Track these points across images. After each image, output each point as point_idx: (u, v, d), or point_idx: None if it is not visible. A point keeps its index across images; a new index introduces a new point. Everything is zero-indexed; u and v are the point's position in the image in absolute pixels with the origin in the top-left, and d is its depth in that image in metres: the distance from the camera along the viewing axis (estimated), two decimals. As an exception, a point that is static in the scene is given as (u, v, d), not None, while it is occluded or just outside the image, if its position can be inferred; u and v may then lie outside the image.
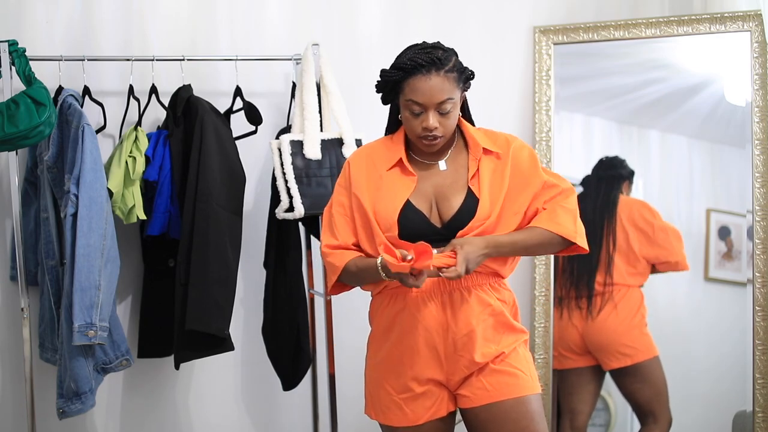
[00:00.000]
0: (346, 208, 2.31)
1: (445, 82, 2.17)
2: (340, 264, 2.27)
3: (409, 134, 2.26)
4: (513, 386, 2.22)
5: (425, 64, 2.16)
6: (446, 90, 2.17)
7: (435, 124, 2.18)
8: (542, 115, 3.48)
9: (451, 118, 2.21)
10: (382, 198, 2.25)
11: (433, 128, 2.19)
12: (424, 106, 2.18)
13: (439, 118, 2.19)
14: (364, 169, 2.30)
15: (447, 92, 2.17)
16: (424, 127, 2.19)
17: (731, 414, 3.30)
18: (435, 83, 2.16)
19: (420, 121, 2.19)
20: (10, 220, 2.85)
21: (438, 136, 2.21)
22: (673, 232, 3.44)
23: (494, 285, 2.27)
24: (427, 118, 2.18)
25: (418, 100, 2.17)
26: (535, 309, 3.46)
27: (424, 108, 2.18)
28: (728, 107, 3.39)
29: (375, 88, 2.28)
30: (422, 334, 2.22)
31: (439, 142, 2.23)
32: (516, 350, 2.27)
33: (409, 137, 2.30)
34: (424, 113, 2.19)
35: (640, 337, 3.42)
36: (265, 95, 3.16)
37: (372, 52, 3.29)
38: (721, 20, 3.30)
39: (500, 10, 3.52)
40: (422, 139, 2.22)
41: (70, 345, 2.60)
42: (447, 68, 2.18)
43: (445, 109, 2.18)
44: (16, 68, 2.68)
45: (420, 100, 2.17)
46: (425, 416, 2.25)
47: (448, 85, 2.17)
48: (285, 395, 3.22)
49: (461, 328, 2.21)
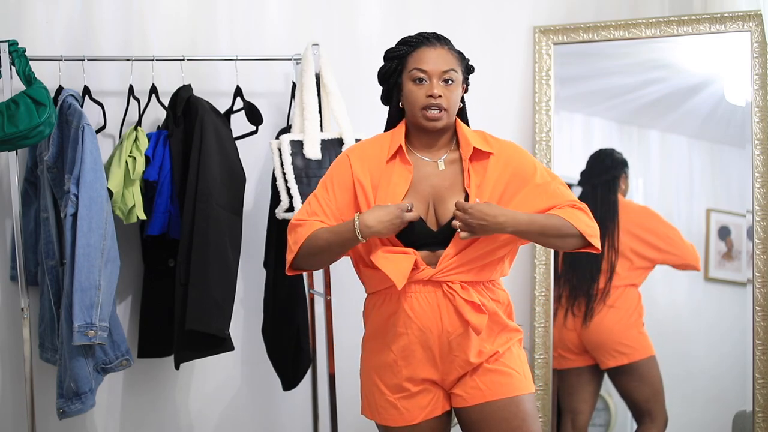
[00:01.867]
0: (331, 193, 2.28)
1: (449, 55, 2.25)
2: (304, 234, 2.23)
3: (412, 110, 2.25)
4: (506, 386, 2.22)
5: (430, 38, 2.26)
6: (450, 61, 2.23)
7: (439, 92, 2.21)
8: (542, 115, 3.48)
9: (454, 93, 2.23)
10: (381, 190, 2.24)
11: (437, 96, 2.20)
12: (429, 74, 2.22)
13: (443, 89, 2.21)
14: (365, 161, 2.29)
15: (451, 63, 2.23)
16: (428, 95, 2.21)
17: (731, 414, 3.30)
18: (440, 53, 2.24)
19: (424, 90, 2.22)
20: (10, 220, 2.85)
21: (442, 107, 2.21)
22: (679, 237, 3.44)
23: (488, 285, 2.26)
24: (431, 86, 2.21)
25: (424, 68, 2.22)
26: (535, 309, 3.46)
27: (428, 76, 2.22)
28: (728, 107, 3.39)
29: (378, 71, 2.30)
30: (417, 334, 2.22)
31: (442, 116, 2.23)
32: (510, 349, 2.27)
33: (410, 120, 2.28)
34: (428, 82, 2.21)
35: (637, 336, 3.42)
36: (265, 95, 3.16)
37: (372, 52, 3.27)
38: (721, 20, 3.30)
39: (500, 10, 3.52)
40: (426, 111, 2.22)
41: (70, 345, 2.60)
42: (450, 46, 2.27)
43: (450, 78, 2.22)
44: (16, 68, 2.68)
45: (425, 68, 2.22)
46: (421, 416, 2.25)
47: (452, 58, 2.24)
48: (285, 395, 3.22)
49: (456, 328, 2.21)
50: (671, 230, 3.44)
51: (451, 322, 2.21)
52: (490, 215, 2.13)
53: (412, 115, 2.26)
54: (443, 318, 2.21)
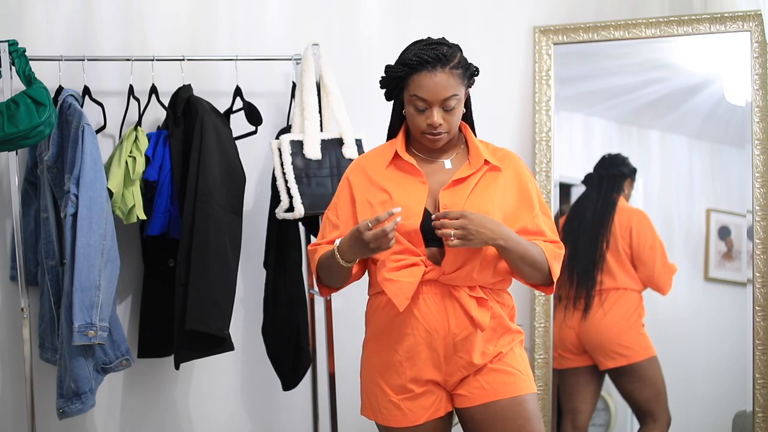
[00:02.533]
0: (336, 213, 2.31)
1: (450, 79, 2.17)
2: (316, 260, 2.27)
3: (413, 130, 2.26)
4: (510, 385, 2.22)
5: (431, 60, 2.16)
6: (451, 86, 2.17)
7: (439, 120, 2.18)
8: (542, 115, 3.48)
9: (455, 115, 2.21)
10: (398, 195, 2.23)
11: (437, 125, 2.19)
12: (429, 102, 2.18)
13: (444, 114, 2.19)
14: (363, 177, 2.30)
15: (452, 89, 2.17)
16: (428, 124, 2.19)
17: (731, 414, 3.30)
18: (440, 80, 2.16)
19: (424, 117, 2.20)
20: (10, 220, 2.85)
21: (442, 133, 2.21)
22: (661, 252, 3.43)
23: (495, 290, 2.27)
24: (431, 115, 2.18)
25: (423, 96, 2.17)
26: (535, 309, 3.46)
27: (428, 104, 2.18)
28: (728, 107, 3.39)
29: (379, 83, 2.28)
30: (423, 335, 2.22)
31: (443, 137, 2.23)
32: (513, 350, 2.27)
33: (412, 134, 2.29)
34: (428, 109, 2.19)
35: (636, 337, 3.42)
36: (265, 95, 3.16)
37: (372, 52, 3.29)
38: (721, 20, 3.30)
39: (500, 10, 3.52)
40: (426, 135, 2.22)
41: (70, 345, 2.60)
42: (452, 65, 2.18)
43: (450, 105, 2.18)
44: (16, 68, 2.68)
45: (425, 96, 2.17)
46: (424, 416, 2.25)
47: (453, 82, 2.17)
48: (285, 395, 3.22)
49: (462, 330, 2.21)
50: (656, 242, 3.44)
51: (457, 323, 2.21)
52: (488, 226, 2.13)
53: (414, 133, 2.27)
54: (450, 319, 2.21)
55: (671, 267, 3.44)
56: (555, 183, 3.48)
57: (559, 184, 3.51)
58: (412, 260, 2.18)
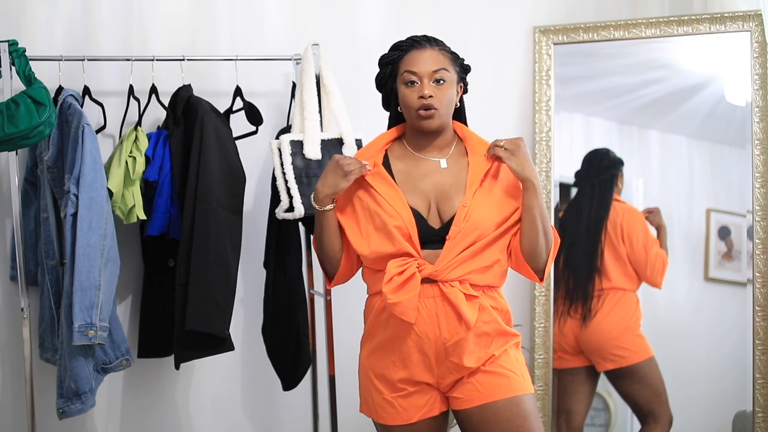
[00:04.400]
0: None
1: (439, 55, 2.27)
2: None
3: (408, 113, 2.28)
4: (505, 387, 2.22)
5: (420, 40, 2.28)
6: (440, 61, 2.25)
7: (430, 92, 2.23)
8: (542, 115, 3.48)
9: (446, 93, 2.24)
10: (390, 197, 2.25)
11: (428, 96, 2.22)
12: (420, 75, 2.24)
13: (434, 89, 2.23)
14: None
15: (441, 63, 2.25)
16: (420, 96, 2.23)
17: (731, 414, 3.30)
18: (429, 54, 2.26)
19: (416, 91, 2.24)
20: (10, 220, 2.85)
21: (434, 107, 2.23)
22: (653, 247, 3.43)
23: (489, 293, 2.27)
24: (422, 87, 2.23)
25: (413, 69, 2.24)
26: (535, 309, 3.46)
27: (419, 77, 2.24)
28: (728, 107, 3.39)
29: (375, 78, 2.33)
30: (415, 339, 2.23)
31: (434, 115, 2.24)
32: (507, 352, 2.27)
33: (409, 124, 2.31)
34: (419, 84, 2.23)
35: (633, 338, 3.42)
36: (265, 95, 3.16)
37: (372, 52, 3.26)
38: (721, 20, 3.30)
39: (500, 9, 3.52)
40: (419, 111, 2.24)
41: (70, 345, 2.59)
42: (442, 47, 2.29)
43: (440, 78, 2.24)
44: (16, 68, 2.68)
45: (414, 69, 2.24)
46: (417, 415, 2.26)
47: (442, 58, 2.27)
48: (285, 395, 3.22)
49: (454, 333, 2.21)
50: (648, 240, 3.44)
51: (449, 328, 2.21)
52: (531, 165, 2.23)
53: (409, 118, 2.29)
54: (441, 324, 2.22)
55: (663, 258, 3.43)
56: (555, 183, 3.48)
57: (559, 184, 3.51)
58: (409, 272, 2.19)
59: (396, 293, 2.18)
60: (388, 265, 2.20)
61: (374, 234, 2.25)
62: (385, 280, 2.19)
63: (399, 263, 2.20)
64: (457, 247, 2.20)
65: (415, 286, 2.19)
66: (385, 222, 2.22)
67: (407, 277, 2.19)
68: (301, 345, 3.10)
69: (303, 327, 3.11)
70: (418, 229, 2.22)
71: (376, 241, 2.24)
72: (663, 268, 3.44)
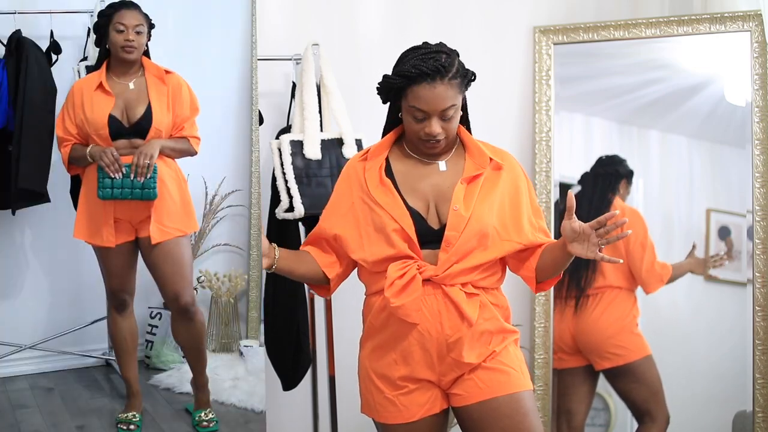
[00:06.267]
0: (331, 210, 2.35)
1: (448, 90, 2.16)
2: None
3: (411, 136, 2.27)
4: (505, 383, 2.23)
5: (430, 73, 2.15)
6: (450, 97, 2.17)
7: (438, 130, 2.19)
8: (542, 115, 3.48)
9: (453, 122, 2.22)
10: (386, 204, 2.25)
11: (436, 134, 2.20)
12: (428, 113, 2.18)
13: (442, 123, 2.20)
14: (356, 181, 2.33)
15: (450, 99, 2.17)
16: (426, 133, 2.20)
17: (731, 414, 3.30)
18: (439, 92, 2.16)
19: (423, 126, 2.20)
20: None
21: (440, 140, 2.22)
22: (650, 252, 3.43)
23: (490, 291, 2.28)
24: (430, 125, 2.19)
25: (422, 108, 2.17)
26: (535, 309, 3.46)
27: (427, 115, 2.18)
28: (728, 107, 3.39)
29: (377, 91, 2.28)
30: (416, 336, 2.23)
31: (440, 145, 2.24)
32: (507, 348, 2.27)
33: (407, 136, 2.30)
34: (426, 119, 2.19)
35: (630, 337, 3.42)
36: (265, 95, 3.16)
37: (372, 52, 3.29)
38: (721, 20, 3.30)
39: (500, 10, 3.52)
40: (425, 143, 2.23)
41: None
42: (451, 75, 2.17)
43: (448, 115, 2.19)
44: None
45: (423, 108, 2.17)
46: (419, 413, 2.25)
47: (451, 93, 2.17)
48: (285, 395, 3.22)
49: (455, 330, 2.22)
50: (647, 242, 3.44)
51: (451, 325, 2.22)
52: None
53: (411, 137, 2.27)
54: (443, 321, 2.22)
55: (663, 269, 3.43)
56: (555, 183, 3.48)
57: (559, 184, 3.51)
58: (410, 275, 2.19)
59: (398, 297, 2.19)
60: (389, 269, 2.20)
61: (374, 237, 2.25)
62: (387, 284, 2.19)
63: (399, 266, 2.20)
64: (458, 253, 2.21)
65: (417, 288, 2.20)
66: (384, 225, 2.22)
67: (408, 279, 2.19)
68: (301, 345, 3.10)
69: (303, 327, 3.11)
70: (417, 229, 2.21)
71: (377, 244, 2.24)
72: (661, 275, 3.43)
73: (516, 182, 2.30)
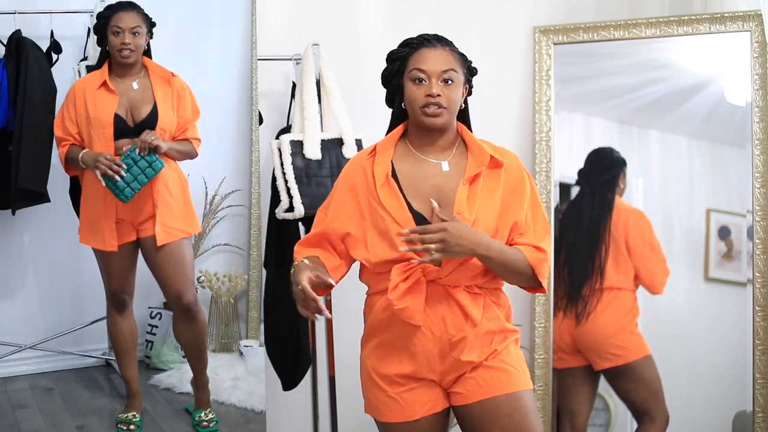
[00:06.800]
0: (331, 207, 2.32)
1: (449, 55, 2.25)
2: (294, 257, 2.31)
3: (412, 109, 2.26)
4: (506, 382, 2.23)
5: (431, 39, 2.27)
6: (450, 61, 2.24)
7: (438, 91, 2.22)
8: (542, 115, 3.48)
9: (453, 92, 2.24)
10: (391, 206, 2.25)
11: (436, 95, 2.21)
12: (428, 73, 2.22)
13: (442, 87, 2.22)
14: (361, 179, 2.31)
15: (451, 63, 2.24)
16: (427, 95, 2.22)
17: (731, 414, 3.30)
18: (440, 53, 2.24)
19: (423, 89, 2.23)
20: None
21: (441, 105, 2.22)
22: (658, 253, 3.44)
23: (493, 291, 2.28)
24: (430, 86, 2.22)
25: (423, 67, 2.23)
26: (535, 309, 3.46)
27: (428, 76, 2.23)
28: (728, 107, 3.39)
29: (381, 74, 2.31)
30: (419, 336, 2.23)
31: (441, 113, 2.24)
32: (508, 347, 2.27)
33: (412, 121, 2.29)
34: (427, 82, 2.23)
35: (629, 337, 3.42)
36: (265, 95, 3.16)
37: (372, 52, 3.28)
38: (721, 20, 3.30)
39: (500, 9, 3.52)
40: (426, 108, 2.23)
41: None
42: (452, 47, 2.28)
43: (449, 78, 2.23)
44: None
45: (424, 67, 2.23)
46: (420, 411, 2.25)
47: (452, 58, 2.25)
48: (285, 395, 3.22)
49: (458, 331, 2.22)
50: (655, 243, 3.44)
51: (454, 324, 2.22)
52: (468, 237, 2.13)
53: (413, 114, 2.27)
54: (446, 320, 2.22)
55: (666, 269, 3.45)
56: (555, 183, 3.48)
57: (560, 184, 3.51)
58: (414, 278, 2.19)
59: (402, 299, 2.19)
60: (393, 271, 2.19)
61: (378, 239, 2.25)
62: (390, 287, 2.19)
63: (403, 269, 2.20)
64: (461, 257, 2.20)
65: (421, 290, 2.19)
66: (388, 229, 2.22)
67: (412, 282, 2.19)
68: (301, 345, 3.10)
69: (303, 327, 3.11)
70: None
71: (380, 246, 2.24)
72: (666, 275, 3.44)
73: (515, 182, 2.29)
